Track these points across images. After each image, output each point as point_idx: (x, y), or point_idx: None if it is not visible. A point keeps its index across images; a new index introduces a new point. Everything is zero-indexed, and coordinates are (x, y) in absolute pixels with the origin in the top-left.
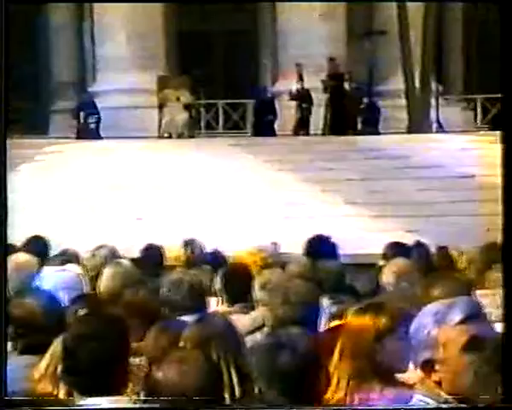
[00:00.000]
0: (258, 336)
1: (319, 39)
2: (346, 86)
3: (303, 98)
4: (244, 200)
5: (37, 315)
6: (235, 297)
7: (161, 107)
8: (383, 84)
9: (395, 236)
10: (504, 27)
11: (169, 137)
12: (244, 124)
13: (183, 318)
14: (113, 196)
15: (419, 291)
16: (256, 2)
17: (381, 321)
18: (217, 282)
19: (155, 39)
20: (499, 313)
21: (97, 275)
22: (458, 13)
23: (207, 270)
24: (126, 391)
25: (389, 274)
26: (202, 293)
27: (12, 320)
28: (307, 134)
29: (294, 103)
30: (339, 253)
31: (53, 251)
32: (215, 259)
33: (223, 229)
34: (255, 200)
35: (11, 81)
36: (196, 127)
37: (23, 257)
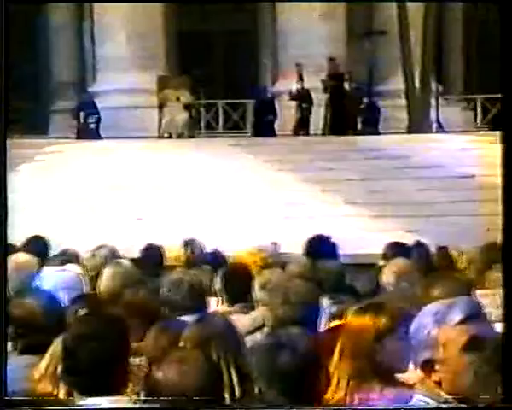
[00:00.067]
0: (258, 336)
1: (319, 39)
2: (346, 86)
3: (303, 98)
4: (244, 200)
5: (37, 315)
6: (235, 297)
7: (161, 107)
8: (383, 84)
9: (395, 236)
10: (504, 27)
11: (169, 137)
12: (244, 124)
13: (183, 318)
14: (113, 196)
15: (419, 291)
16: (256, 2)
17: (381, 321)
18: (217, 282)
19: (155, 39)
20: (499, 313)
21: (97, 275)
22: (458, 13)
23: (207, 270)
24: (126, 391)
25: (389, 274)
26: (202, 293)
27: (12, 320)
28: (307, 134)
29: (294, 103)
30: (339, 253)
31: (53, 251)
32: (215, 259)
33: (223, 229)
34: (255, 200)
35: (11, 81)
36: (196, 127)
37: (23, 257)
